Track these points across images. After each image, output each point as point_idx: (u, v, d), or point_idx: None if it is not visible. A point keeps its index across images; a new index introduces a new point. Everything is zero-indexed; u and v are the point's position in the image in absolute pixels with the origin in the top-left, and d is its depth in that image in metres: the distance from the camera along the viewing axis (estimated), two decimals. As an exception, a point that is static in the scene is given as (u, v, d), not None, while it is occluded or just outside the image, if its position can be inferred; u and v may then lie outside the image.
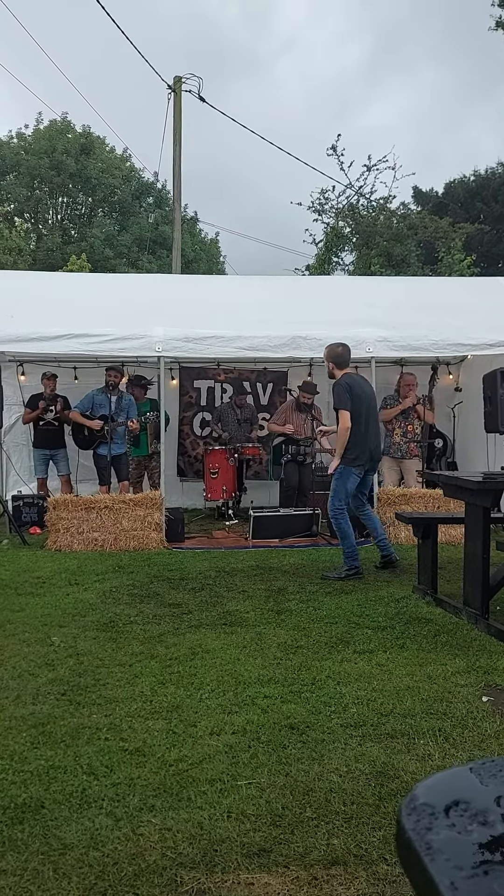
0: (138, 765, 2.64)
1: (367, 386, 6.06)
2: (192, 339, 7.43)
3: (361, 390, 5.89)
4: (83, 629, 4.38)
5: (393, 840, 0.62)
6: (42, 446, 8.55)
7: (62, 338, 7.27)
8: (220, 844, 2.14)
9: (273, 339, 7.52)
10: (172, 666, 3.71)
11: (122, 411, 8.08)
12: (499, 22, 20.47)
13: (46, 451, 8.55)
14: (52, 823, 2.27)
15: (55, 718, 3.06)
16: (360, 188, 19.68)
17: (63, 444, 8.60)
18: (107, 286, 9.93)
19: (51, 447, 8.53)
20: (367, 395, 5.95)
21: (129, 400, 8.22)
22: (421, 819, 0.60)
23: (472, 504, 4.63)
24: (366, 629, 4.35)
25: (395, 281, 11.74)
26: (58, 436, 8.56)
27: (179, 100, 15.66)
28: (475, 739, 2.83)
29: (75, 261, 24.05)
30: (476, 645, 4.04)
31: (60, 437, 8.58)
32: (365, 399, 5.89)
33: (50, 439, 8.52)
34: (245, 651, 3.95)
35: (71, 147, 31.85)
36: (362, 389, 5.92)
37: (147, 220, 33.55)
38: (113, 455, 8.07)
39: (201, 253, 35.84)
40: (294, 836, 2.18)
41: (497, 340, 7.57)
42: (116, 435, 8.06)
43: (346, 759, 2.66)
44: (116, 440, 8.09)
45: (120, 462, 8.23)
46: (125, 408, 8.11)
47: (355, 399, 5.78)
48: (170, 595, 5.26)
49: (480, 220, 24.36)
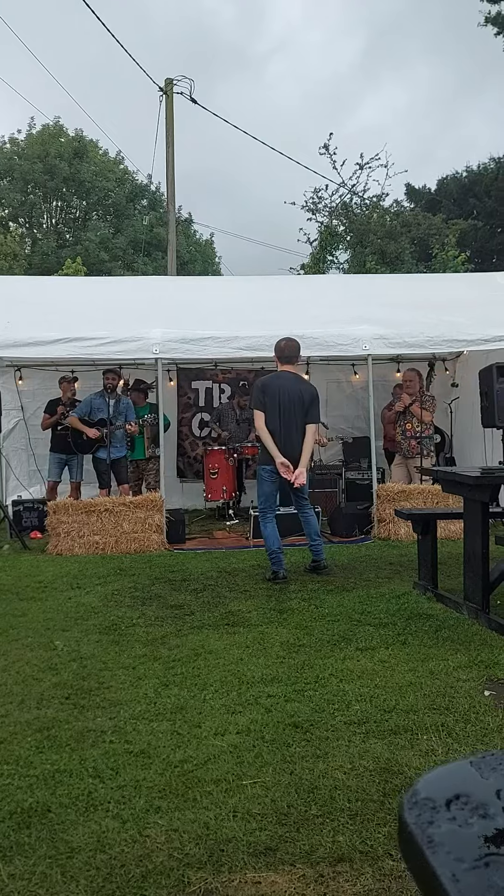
0: (144, 767, 2.65)
1: (292, 385, 5.75)
2: (189, 340, 7.44)
3: (279, 390, 5.67)
4: (86, 633, 4.39)
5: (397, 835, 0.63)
6: (59, 451, 8.53)
7: (59, 342, 7.28)
8: (227, 844, 2.15)
9: (270, 338, 7.50)
10: (176, 667, 3.72)
11: (121, 414, 8.08)
12: (488, 17, 20.51)
13: (63, 456, 8.52)
14: (59, 827, 2.27)
15: (60, 722, 3.06)
16: (353, 187, 19.73)
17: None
18: (103, 289, 9.95)
19: (68, 452, 8.51)
20: (287, 394, 5.67)
21: (126, 403, 8.22)
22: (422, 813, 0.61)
23: (470, 499, 4.64)
24: (367, 626, 4.36)
25: (390, 278, 11.77)
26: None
27: (171, 102, 15.67)
28: (478, 734, 2.84)
29: (70, 264, 24.08)
30: (477, 640, 4.05)
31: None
32: (283, 399, 5.65)
33: (67, 444, 8.50)
34: (248, 651, 3.96)
35: (64, 151, 31.87)
36: (280, 389, 5.68)
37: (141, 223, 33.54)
38: (112, 458, 8.07)
39: (196, 254, 35.85)
40: (300, 834, 2.19)
41: (492, 335, 7.59)
42: (115, 438, 8.06)
43: (351, 756, 2.67)
44: (115, 444, 8.08)
45: (119, 465, 8.21)
46: (123, 411, 8.10)
47: (270, 399, 5.64)
48: (172, 597, 5.27)
49: (473, 215, 24.42)
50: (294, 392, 5.72)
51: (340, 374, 10.01)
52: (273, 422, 5.66)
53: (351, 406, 10.06)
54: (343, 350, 7.70)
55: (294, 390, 5.72)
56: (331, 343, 7.60)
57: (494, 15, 20.38)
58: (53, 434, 8.53)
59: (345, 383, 10.07)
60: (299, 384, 5.82)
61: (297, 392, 5.73)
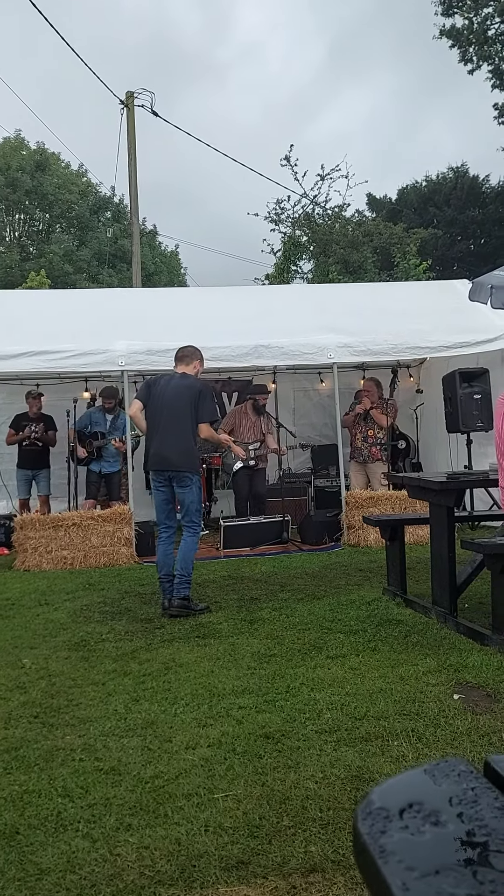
0: (114, 784, 2.62)
1: (175, 386, 5.17)
2: (154, 351, 7.43)
3: (163, 389, 5.15)
4: (54, 649, 4.34)
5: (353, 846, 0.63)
6: (25, 466, 8.49)
7: (23, 355, 7.21)
8: (199, 859, 2.13)
9: (236, 348, 7.56)
10: (146, 682, 3.69)
11: (116, 430, 8.12)
12: (443, 30, 20.90)
13: (29, 472, 8.50)
14: (28, 849, 2.24)
15: (28, 742, 3.02)
16: (314, 197, 19.91)
17: (46, 464, 8.53)
18: (67, 302, 9.86)
19: (33, 467, 8.47)
20: (169, 395, 5.12)
21: (123, 420, 8.20)
22: (375, 823, 0.62)
23: (435, 504, 4.69)
24: (338, 634, 4.38)
25: (353, 287, 11.88)
26: (41, 456, 8.49)
27: (132, 115, 15.67)
28: (448, 738, 2.87)
29: (34, 277, 23.90)
30: (446, 644, 4.09)
31: (44, 457, 8.51)
32: (166, 398, 5.12)
33: (33, 459, 8.45)
34: (219, 663, 3.94)
35: (26, 164, 31.69)
36: (165, 389, 5.16)
37: (106, 235, 33.46)
38: (106, 473, 8.22)
39: (162, 266, 35.86)
40: (272, 846, 2.18)
41: (454, 342, 7.71)
42: (108, 453, 8.13)
43: (322, 766, 2.67)
44: (108, 458, 8.19)
45: (112, 480, 8.29)
46: (120, 427, 8.13)
47: (152, 396, 5.17)
48: (142, 610, 5.23)
49: (434, 224, 24.79)
50: (177, 396, 5.13)
51: (307, 382, 10.07)
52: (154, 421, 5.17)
53: (318, 414, 10.12)
54: (309, 359, 7.75)
55: (179, 395, 5.14)
56: (296, 352, 7.65)
57: (449, 28, 20.77)
58: (19, 449, 8.45)
59: (311, 391, 10.13)
60: (184, 382, 5.23)
61: (179, 397, 5.13)
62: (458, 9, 20.45)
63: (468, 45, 20.65)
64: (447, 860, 0.57)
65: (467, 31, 20.47)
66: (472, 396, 7.26)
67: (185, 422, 5.11)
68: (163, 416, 5.11)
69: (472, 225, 26.69)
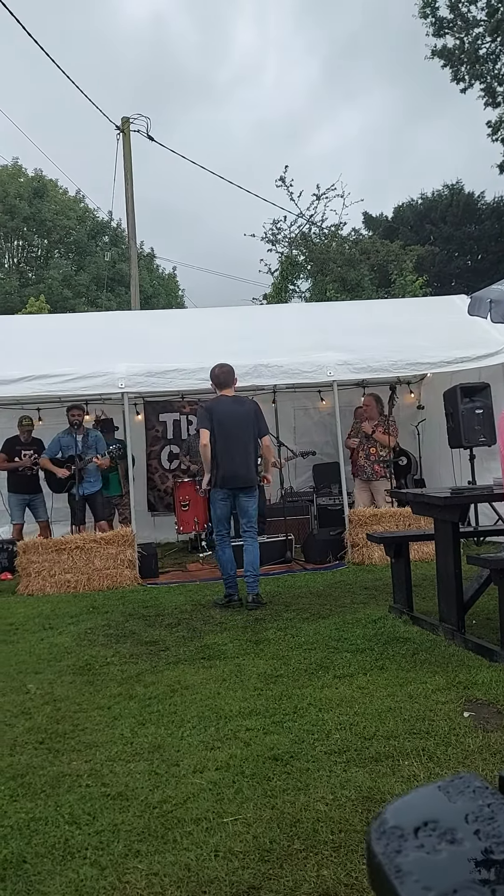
0: (121, 810, 2.59)
1: (237, 409, 5.85)
2: (154, 373, 7.45)
3: (225, 414, 5.79)
4: (59, 674, 4.30)
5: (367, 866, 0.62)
6: (18, 491, 8.40)
7: (23, 380, 7.24)
8: (209, 885, 2.09)
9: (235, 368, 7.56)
10: (152, 705, 3.65)
11: (90, 448, 8.01)
12: (434, 50, 21.20)
13: (24, 497, 8.41)
14: (36, 878, 2.20)
15: (34, 768, 2.98)
16: (310, 217, 20.07)
17: (40, 488, 8.45)
18: (67, 326, 9.93)
19: (28, 492, 8.39)
20: (233, 418, 5.78)
21: (95, 436, 8.16)
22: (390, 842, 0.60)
23: (440, 520, 4.67)
24: (345, 653, 4.34)
25: (351, 305, 11.93)
26: (35, 480, 8.42)
27: (128, 140, 15.86)
28: (459, 756, 2.83)
29: (34, 303, 24.03)
30: (455, 661, 4.05)
31: (38, 482, 8.43)
32: (229, 422, 5.76)
33: (26, 484, 8.37)
34: (225, 684, 3.91)
35: (24, 191, 32.01)
36: (227, 413, 5.80)
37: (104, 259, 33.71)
38: (88, 493, 7.99)
39: (160, 288, 36.10)
40: (283, 871, 2.14)
41: (454, 357, 7.72)
42: (88, 473, 7.98)
43: (332, 787, 2.64)
44: (89, 478, 8.00)
45: (95, 501, 8.11)
46: (92, 444, 8.04)
47: (216, 422, 5.74)
48: (146, 633, 5.20)
49: (430, 241, 24.95)
50: (242, 417, 5.81)
51: (307, 400, 10.09)
52: (222, 444, 5.74)
53: (319, 432, 10.13)
54: (308, 377, 7.77)
55: (241, 416, 5.82)
56: (296, 371, 7.67)
57: (441, 48, 21.06)
58: (10, 474, 8.41)
59: (312, 410, 10.14)
60: (240, 405, 5.90)
61: (244, 417, 5.82)
62: (449, 29, 20.75)
63: (460, 65, 20.95)
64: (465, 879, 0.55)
65: (458, 50, 20.76)
66: (473, 411, 7.27)
67: (249, 442, 5.84)
68: (231, 440, 5.74)
69: (468, 241, 26.89)
